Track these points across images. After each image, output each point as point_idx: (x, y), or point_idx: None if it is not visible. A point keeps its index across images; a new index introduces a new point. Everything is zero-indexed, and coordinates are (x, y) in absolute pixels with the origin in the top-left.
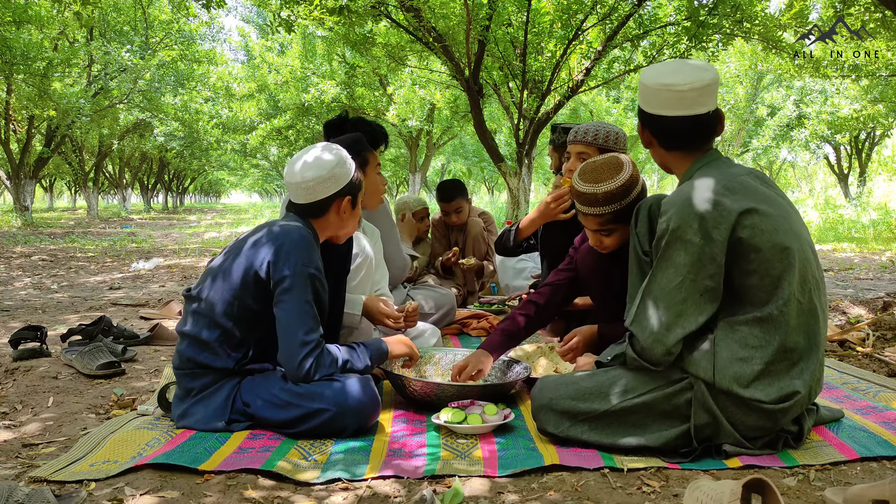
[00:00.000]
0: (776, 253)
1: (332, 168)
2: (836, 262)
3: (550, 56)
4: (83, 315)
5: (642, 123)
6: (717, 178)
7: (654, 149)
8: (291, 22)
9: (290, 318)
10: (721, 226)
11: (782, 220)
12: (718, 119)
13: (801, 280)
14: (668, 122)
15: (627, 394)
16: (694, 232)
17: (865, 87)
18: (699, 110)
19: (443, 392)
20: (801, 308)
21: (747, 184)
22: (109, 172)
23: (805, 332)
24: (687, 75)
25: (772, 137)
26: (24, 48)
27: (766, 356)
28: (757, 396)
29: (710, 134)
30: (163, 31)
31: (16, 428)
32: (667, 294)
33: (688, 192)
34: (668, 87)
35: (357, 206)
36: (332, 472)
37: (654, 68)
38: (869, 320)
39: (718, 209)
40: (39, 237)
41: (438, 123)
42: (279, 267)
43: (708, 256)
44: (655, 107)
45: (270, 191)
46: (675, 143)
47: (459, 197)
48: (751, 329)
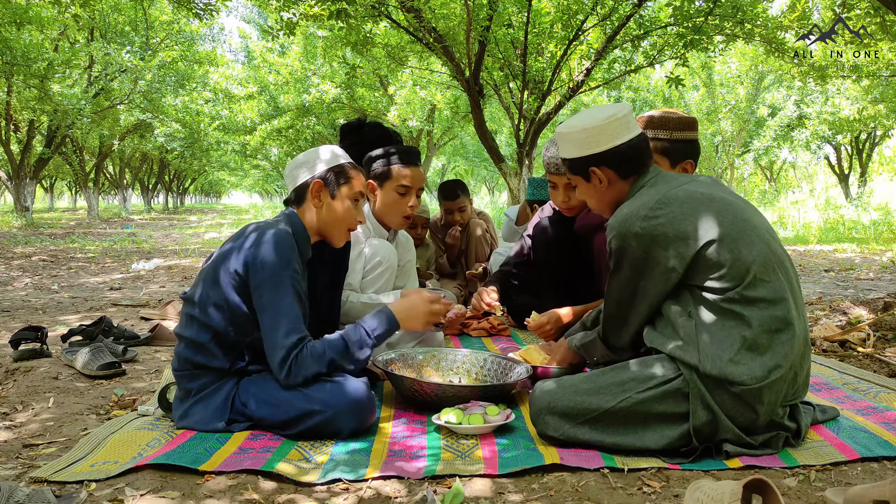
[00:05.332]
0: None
1: (310, 155)
2: (836, 262)
3: (551, 56)
4: (83, 315)
5: (595, 164)
6: (654, 193)
7: (607, 189)
8: (293, 24)
9: (269, 321)
10: (659, 238)
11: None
12: (646, 139)
13: (762, 263)
14: (622, 150)
15: (626, 392)
16: (634, 248)
17: (866, 88)
18: (636, 132)
19: (443, 392)
20: (768, 287)
21: (688, 192)
22: (110, 173)
23: (777, 310)
24: (614, 107)
25: (772, 138)
26: (24, 49)
27: (744, 333)
28: (741, 378)
29: (650, 152)
30: (163, 32)
31: (16, 428)
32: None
33: (627, 210)
34: (613, 117)
35: (339, 200)
36: (332, 472)
37: (578, 118)
38: (869, 321)
39: (651, 222)
40: (40, 237)
41: (439, 124)
42: (256, 270)
43: (653, 265)
44: (609, 140)
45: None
46: (632, 167)
47: (462, 195)
48: (727, 314)
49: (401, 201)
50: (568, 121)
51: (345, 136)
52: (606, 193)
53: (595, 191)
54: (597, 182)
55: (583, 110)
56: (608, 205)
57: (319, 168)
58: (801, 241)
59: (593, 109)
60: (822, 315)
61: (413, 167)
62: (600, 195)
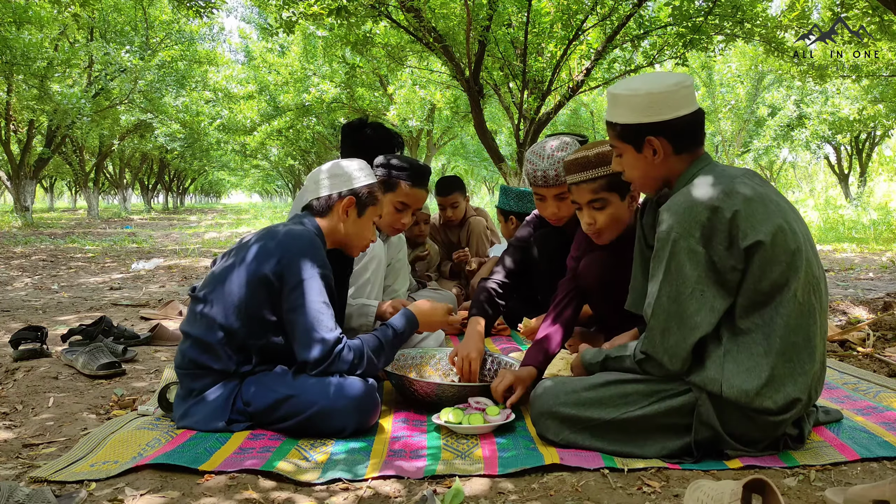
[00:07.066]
0: (785, 255)
1: (345, 167)
2: (836, 262)
3: (551, 56)
4: (83, 315)
5: (654, 133)
6: (715, 182)
7: (660, 161)
8: (293, 23)
9: (306, 318)
10: (722, 232)
11: (784, 221)
12: (704, 116)
13: (804, 282)
14: (684, 121)
15: (629, 405)
16: (696, 241)
17: (866, 88)
18: (697, 106)
19: (443, 392)
20: (801, 309)
21: (747, 186)
22: (110, 173)
23: (804, 334)
24: (679, 75)
25: (772, 137)
26: (24, 48)
27: (771, 362)
28: (766, 405)
29: (705, 131)
30: (163, 32)
31: (16, 428)
32: (677, 307)
33: (688, 197)
34: (681, 85)
35: (365, 219)
36: (332, 472)
37: (640, 81)
38: (869, 320)
39: (719, 215)
40: (40, 237)
41: (439, 123)
42: (293, 271)
43: (714, 264)
44: (672, 109)
45: (271, 191)
46: (688, 143)
47: (456, 192)
48: (754, 336)
49: (396, 215)
50: (626, 82)
51: (346, 136)
52: (656, 167)
53: (644, 163)
54: (649, 153)
55: (640, 75)
56: (653, 179)
57: (353, 184)
58: None
59: (653, 75)
60: None
61: (419, 189)
62: (648, 167)
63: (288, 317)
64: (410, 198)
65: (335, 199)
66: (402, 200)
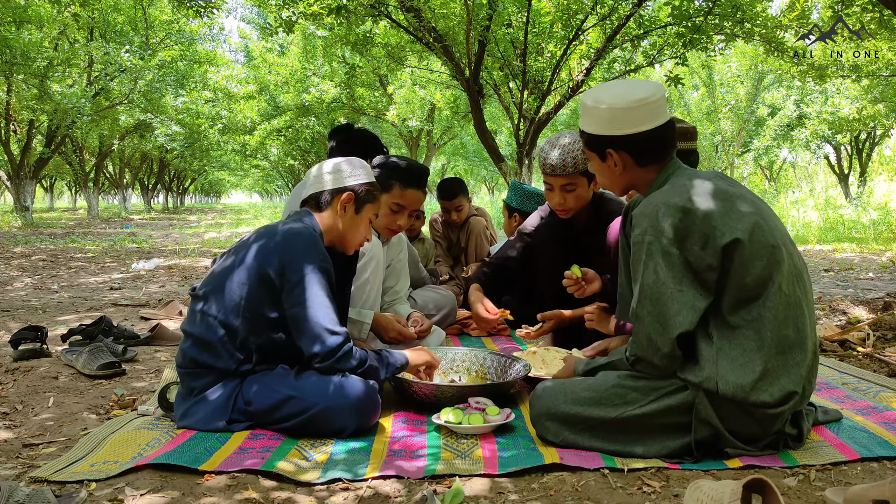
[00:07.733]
0: (765, 250)
1: (346, 164)
2: (836, 262)
3: (551, 56)
4: (83, 315)
5: (611, 147)
6: (685, 185)
7: (621, 172)
8: (292, 22)
9: (310, 314)
10: (696, 233)
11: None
12: (673, 127)
13: (788, 274)
14: (645, 136)
15: (628, 405)
16: (670, 242)
17: (866, 87)
18: (664, 119)
19: (442, 392)
20: (787, 301)
21: (717, 187)
22: (110, 173)
23: (793, 325)
24: (648, 88)
25: (772, 137)
26: (24, 48)
27: (764, 356)
28: (763, 399)
29: (675, 141)
30: (163, 32)
31: (16, 428)
32: (659, 309)
33: (659, 201)
34: (644, 101)
35: (362, 216)
36: (332, 472)
37: (607, 91)
38: (869, 320)
39: (691, 216)
40: (40, 237)
41: (438, 123)
42: (294, 269)
43: (690, 264)
44: (632, 125)
45: (271, 191)
46: (651, 156)
47: (461, 195)
48: (745, 331)
49: (391, 216)
50: (595, 91)
51: (334, 135)
52: (619, 177)
53: (608, 171)
54: (611, 164)
55: (616, 81)
56: (619, 186)
57: (353, 181)
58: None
59: (626, 84)
60: (822, 315)
61: (414, 189)
62: (612, 176)
63: (291, 313)
64: (405, 199)
65: (334, 195)
66: (396, 202)
